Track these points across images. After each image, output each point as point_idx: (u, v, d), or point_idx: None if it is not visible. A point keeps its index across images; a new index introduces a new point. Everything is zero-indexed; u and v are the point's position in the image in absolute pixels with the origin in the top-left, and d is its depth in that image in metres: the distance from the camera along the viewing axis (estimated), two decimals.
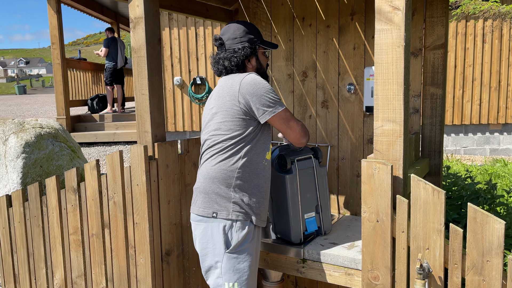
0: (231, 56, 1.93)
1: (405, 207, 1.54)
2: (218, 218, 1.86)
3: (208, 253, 1.90)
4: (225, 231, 1.86)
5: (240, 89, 1.83)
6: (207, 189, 1.90)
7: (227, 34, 1.97)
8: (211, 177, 1.89)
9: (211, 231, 1.88)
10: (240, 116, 1.84)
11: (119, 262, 2.29)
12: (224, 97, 1.87)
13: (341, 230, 2.42)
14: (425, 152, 2.46)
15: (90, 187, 2.31)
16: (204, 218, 1.89)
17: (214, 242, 1.87)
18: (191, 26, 7.52)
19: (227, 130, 1.86)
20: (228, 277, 1.86)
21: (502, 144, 7.81)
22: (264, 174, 1.95)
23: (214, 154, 1.89)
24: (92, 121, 8.04)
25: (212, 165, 1.89)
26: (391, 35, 1.55)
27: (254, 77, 1.86)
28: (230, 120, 1.85)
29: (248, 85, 1.83)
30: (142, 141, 2.19)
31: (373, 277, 1.64)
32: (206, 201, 1.90)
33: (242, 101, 1.83)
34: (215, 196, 1.88)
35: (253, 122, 1.87)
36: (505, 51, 7.44)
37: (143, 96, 2.16)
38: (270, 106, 1.84)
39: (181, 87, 7.69)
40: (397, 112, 1.57)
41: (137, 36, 2.13)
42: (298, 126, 1.92)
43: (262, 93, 1.83)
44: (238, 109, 1.84)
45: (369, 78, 2.50)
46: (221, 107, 1.87)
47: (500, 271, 1.38)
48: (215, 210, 1.87)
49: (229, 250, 1.86)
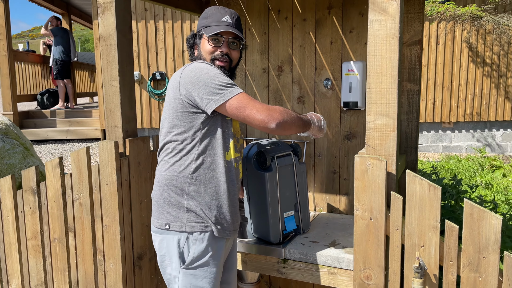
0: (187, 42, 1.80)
1: (399, 204, 1.49)
2: (171, 231, 1.64)
3: (166, 266, 1.70)
4: (180, 245, 1.64)
5: (181, 79, 1.59)
6: (159, 198, 1.68)
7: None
8: (161, 184, 1.67)
9: (167, 244, 1.66)
10: (184, 110, 1.59)
11: (85, 269, 2.10)
12: (168, 90, 1.65)
13: (320, 228, 2.37)
14: (402, 148, 2.46)
15: (52, 187, 2.11)
16: (159, 229, 1.68)
17: (170, 256, 1.66)
18: (150, 20, 7.25)
19: (172, 127, 1.63)
20: None
21: (453, 141, 8.17)
22: (227, 177, 1.69)
23: (165, 157, 1.67)
24: (43, 117, 7.55)
25: (163, 170, 1.67)
26: (386, 26, 1.50)
27: (197, 64, 1.62)
28: (174, 115, 1.61)
29: (189, 73, 1.58)
30: (112, 136, 2.02)
31: (365, 276, 1.59)
32: (159, 211, 1.68)
33: (183, 92, 1.58)
34: (167, 206, 1.66)
35: (201, 115, 1.61)
36: (457, 53, 7.78)
37: (113, 88, 1.99)
38: (216, 93, 1.54)
39: (140, 83, 7.40)
40: (390, 106, 1.52)
41: (106, 23, 1.96)
42: (260, 112, 1.54)
43: (206, 79, 1.54)
44: (180, 102, 1.59)
45: (347, 73, 2.46)
46: (166, 103, 1.65)
47: (496, 268, 1.37)
48: (168, 222, 1.65)
49: (184, 265, 1.64)
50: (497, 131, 8.19)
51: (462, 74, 7.84)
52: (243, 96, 1.56)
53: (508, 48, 7.79)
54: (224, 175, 1.67)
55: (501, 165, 6.61)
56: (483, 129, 8.15)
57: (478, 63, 7.83)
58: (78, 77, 9.86)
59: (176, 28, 7.28)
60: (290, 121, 1.62)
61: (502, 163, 6.86)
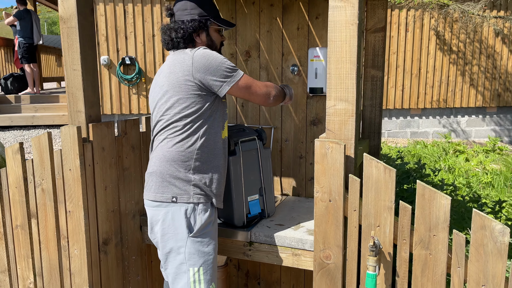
0: (178, 27, 1.82)
1: (357, 186, 1.55)
2: (179, 203, 1.78)
3: (169, 238, 1.81)
4: (187, 215, 1.79)
5: (193, 63, 1.74)
6: (164, 173, 1.80)
7: (178, 5, 1.86)
8: (168, 160, 1.79)
9: (172, 216, 1.78)
10: (195, 92, 1.75)
11: (49, 255, 2.08)
12: (176, 73, 1.76)
13: (286, 211, 2.42)
14: (365, 133, 2.52)
15: (13, 173, 2.07)
16: (163, 203, 1.79)
17: (176, 227, 1.78)
18: (119, 3, 7.07)
19: (183, 108, 1.76)
20: (193, 262, 1.79)
21: (421, 127, 8.41)
22: (222, 153, 1.89)
23: (170, 135, 1.79)
24: (6, 102, 7.30)
25: (169, 147, 1.79)
26: (345, 13, 1.53)
27: (205, 50, 1.78)
28: (184, 97, 1.75)
29: (202, 58, 1.74)
30: (75, 121, 1.99)
31: (325, 256, 1.65)
32: (164, 186, 1.80)
33: (197, 76, 1.74)
34: (174, 180, 1.79)
35: (210, 97, 1.79)
36: (425, 40, 7.96)
37: (75, 72, 1.95)
38: (228, 76, 1.76)
39: (109, 67, 7.24)
40: (349, 91, 1.57)
41: (67, 4, 1.91)
42: (261, 89, 1.85)
43: (217, 64, 1.74)
44: (193, 85, 1.74)
45: (313, 59, 2.49)
46: (173, 84, 1.76)
47: (445, 245, 1.44)
48: (175, 194, 1.78)
49: (192, 234, 1.79)
50: (462, 117, 8.47)
51: (430, 61, 8.04)
52: (247, 76, 1.83)
53: (474, 36, 8.03)
54: (221, 152, 1.88)
55: (464, 150, 6.86)
56: (449, 115, 8.42)
57: (445, 51, 8.04)
58: (44, 61, 9.55)
59: (146, 12, 7.13)
60: (279, 94, 1.94)
61: (466, 148, 7.13)
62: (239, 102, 2.75)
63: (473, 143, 8.11)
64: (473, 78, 8.21)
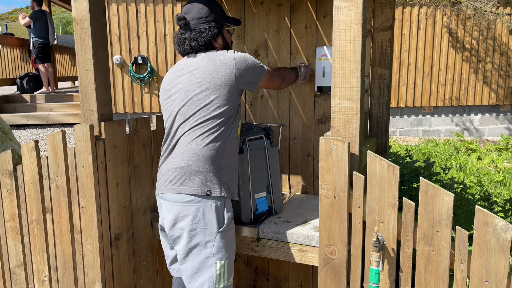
0: (198, 36, 1.90)
1: (361, 183, 1.57)
2: (212, 197, 1.85)
3: (198, 233, 1.85)
4: (217, 210, 1.86)
5: (236, 65, 1.85)
6: (200, 168, 1.85)
7: (191, 13, 1.92)
8: (203, 156, 1.85)
9: (203, 211, 1.84)
10: (234, 91, 1.86)
11: (63, 249, 2.15)
12: (219, 72, 1.84)
13: (293, 208, 2.45)
14: (373, 131, 2.54)
15: (29, 170, 2.14)
16: (196, 198, 1.84)
17: (206, 223, 1.84)
18: (131, 3, 7.17)
19: (220, 106, 1.84)
20: (220, 256, 1.86)
21: (433, 125, 8.35)
22: (239, 150, 2.02)
23: (206, 131, 1.85)
24: (23, 101, 7.46)
25: (205, 144, 1.85)
26: (350, 12, 1.55)
27: (239, 53, 1.92)
28: (224, 95, 1.84)
29: (242, 60, 1.87)
30: (87, 120, 2.05)
31: (330, 252, 1.68)
32: (198, 180, 1.85)
33: (238, 76, 1.85)
34: (208, 176, 1.86)
35: (239, 96, 1.92)
36: (437, 38, 7.89)
37: (88, 72, 2.01)
38: (260, 74, 1.95)
39: (121, 67, 7.35)
40: (354, 90, 1.59)
41: (80, 6, 1.97)
42: (277, 78, 2.09)
43: (253, 65, 1.90)
44: (233, 84, 1.85)
45: (320, 58, 2.52)
46: (215, 83, 1.84)
47: (448, 241, 1.46)
48: (209, 189, 1.86)
49: (222, 228, 1.86)
50: (475, 116, 8.38)
51: (442, 59, 7.97)
52: (269, 70, 2.02)
53: (487, 34, 7.93)
54: (237, 148, 1.99)
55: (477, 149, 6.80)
56: (461, 114, 8.34)
57: (458, 48, 7.96)
58: (59, 60, 9.72)
59: (158, 12, 7.21)
60: (290, 78, 2.25)
61: (478, 146, 7.06)
62: (247, 101, 2.79)
63: (486, 141, 8.02)
64: (486, 76, 8.11)
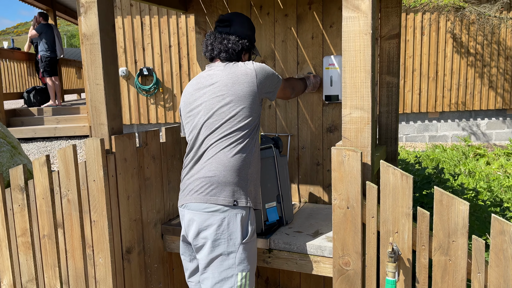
0: (237, 40, 1.95)
1: (374, 193, 1.56)
2: (238, 207, 1.86)
3: (221, 244, 1.85)
4: (242, 221, 1.86)
5: (257, 75, 1.88)
6: (228, 178, 1.86)
7: (236, 20, 1.99)
8: (231, 167, 1.86)
9: (228, 221, 1.84)
10: (256, 101, 1.89)
11: (75, 263, 2.15)
12: (241, 84, 1.87)
13: (304, 218, 2.44)
14: (382, 140, 2.53)
15: (40, 184, 2.15)
16: (223, 207, 1.84)
17: (230, 233, 1.84)
18: (136, 15, 7.23)
19: (245, 117, 1.86)
20: (242, 267, 1.85)
21: (439, 131, 8.31)
22: (260, 159, 2.02)
23: (232, 142, 1.87)
24: (30, 115, 7.51)
25: (232, 154, 1.86)
26: (359, 23, 1.56)
27: (257, 63, 1.95)
28: (248, 106, 1.87)
29: (262, 70, 1.91)
30: (98, 134, 2.06)
31: (344, 263, 1.67)
32: (226, 190, 1.86)
33: (260, 86, 1.88)
34: (235, 187, 1.87)
35: (260, 107, 1.95)
36: (441, 43, 7.89)
37: (98, 86, 2.03)
38: (277, 84, 2.00)
39: (127, 78, 7.40)
40: (365, 99, 1.59)
41: (89, 22, 1.99)
42: (289, 89, 2.15)
43: (272, 75, 1.95)
44: (255, 96, 1.88)
45: (328, 67, 2.52)
46: (238, 95, 1.86)
47: (465, 251, 1.45)
48: (236, 199, 1.86)
49: (245, 240, 1.86)
50: (482, 120, 8.34)
51: (447, 64, 7.96)
52: (283, 81, 2.09)
53: (491, 38, 7.92)
54: (259, 158, 2.00)
55: (485, 154, 6.75)
56: (468, 118, 8.29)
57: (462, 53, 7.94)
58: (65, 73, 9.79)
59: (163, 23, 7.27)
60: (299, 87, 2.30)
61: (486, 151, 7.01)
62: None
63: (494, 146, 7.97)
64: (492, 80, 8.08)
